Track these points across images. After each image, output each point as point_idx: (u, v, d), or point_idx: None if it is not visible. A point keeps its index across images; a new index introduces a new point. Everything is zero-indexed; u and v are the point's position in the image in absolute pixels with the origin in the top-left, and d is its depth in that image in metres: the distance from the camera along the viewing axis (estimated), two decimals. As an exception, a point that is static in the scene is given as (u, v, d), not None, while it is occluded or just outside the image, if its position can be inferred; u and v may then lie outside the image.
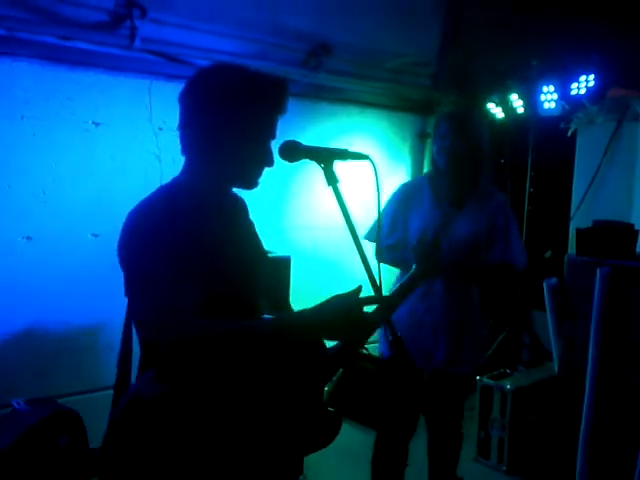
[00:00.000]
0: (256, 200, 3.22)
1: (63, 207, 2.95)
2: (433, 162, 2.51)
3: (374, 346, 4.18)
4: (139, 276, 1.30)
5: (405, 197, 2.50)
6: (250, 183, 1.50)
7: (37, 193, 2.89)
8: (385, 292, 1.70)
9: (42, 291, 2.92)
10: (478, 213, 2.44)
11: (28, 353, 2.91)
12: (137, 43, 2.96)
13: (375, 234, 2.47)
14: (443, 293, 2.41)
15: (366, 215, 2.26)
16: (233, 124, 1.41)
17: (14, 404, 2.67)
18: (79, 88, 2.97)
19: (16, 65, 2.79)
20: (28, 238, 2.89)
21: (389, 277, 3.92)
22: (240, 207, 1.62)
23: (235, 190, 1.57)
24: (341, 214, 1.58)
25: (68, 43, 2.86)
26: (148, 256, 1.28)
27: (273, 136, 1.51)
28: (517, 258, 2.47)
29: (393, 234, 2.47)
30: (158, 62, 3.13)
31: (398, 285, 2.07)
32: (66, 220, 2.96)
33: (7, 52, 2.75)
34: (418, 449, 2.70)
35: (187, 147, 1.45)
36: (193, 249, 1.29)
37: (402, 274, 2.44)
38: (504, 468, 3.31)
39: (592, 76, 3.57)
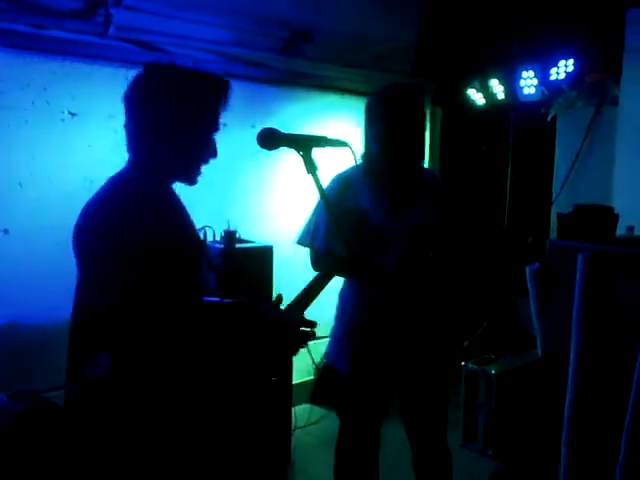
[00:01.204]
0: (237, 188, 3.21)
1: (40, 200, 2.90)
2: (368, 151, 2.20)
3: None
4: (90, 275, 1.43)
5: (340, 195, 2.15)
6: (191, 179, 1.58)
7: (13, 185, 2.84)
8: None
9: (21, 286, 2.87)
10: (425, 203, 2.21)
11: (8, 348, 2.87)
12: (112, 31, 2.91)
13: (310, 237, 2.24)
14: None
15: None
16: (174, 122, 1.47)
17: (-5, 399, 2.63)
18: (54, 78, 2.91)
19: (-11, 55, 2.73)
20: (5, 231, 2.84)
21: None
22: (175, 196, 1.65)
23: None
24: (321, 201, 1.57)
25: (42, 32, 2.80)
26: (98, 255, 1.40)
27: (216, 130, 1.59)
28: (462, 242, 2.30)
29: (332, 241, 2.15)
30: (134, 50, 3.07)
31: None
32: (43, 213, 2.91)
33: (-21, 42, 2.69)
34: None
35: (131, 144, 1.54)
36: (138, 246, 1.37)
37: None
38: (490, 452, 3.34)
39: (571, 61, 3.58)
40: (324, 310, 2.17)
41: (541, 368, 2.58)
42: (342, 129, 4.03)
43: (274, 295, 1.74)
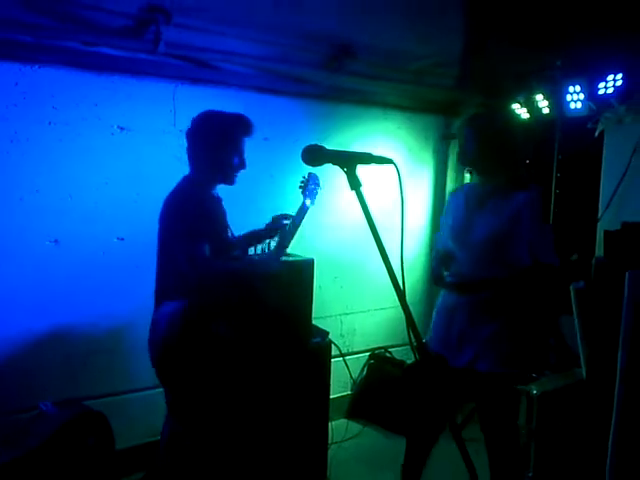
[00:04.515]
0: (280, 201, 3.24)
1: (89, 211, 2.99)
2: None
3: (398, 350, 4.17)
4: (175, 238, 2.23)
5: (449, 203, 2.68)
6: (229, 182, 2.43)
7: (64, 197, 2.93)
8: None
9: (69, 294, 2.97)
10: (498, 211, 2.40)
11: (55, 356, 2.95)
12: (161, 48, 2.98)
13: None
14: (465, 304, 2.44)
15: (390, 218, 2.24)
16: (211, 150, 2.35)
17: (41, 406, 2.70)
18: (105, 93, 3.00)
19: (43, 71, 2.83)
20: (55, 242, 2.93)
21: (412, 278, 3.90)
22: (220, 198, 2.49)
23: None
24: (364, 217, 1.58)
25: (93, 49, 2.89)
26: (180, 226, 2.22)
27: (239, 153, 2.39)
28: (549, 256, 2.37)
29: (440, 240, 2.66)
30: (182, 66, 3.15)
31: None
32: (92, 224, 3.00)
33: (34, 59, 2.79)
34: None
35: (190, 161, 2.42)
36: (201, 220, 2.23)
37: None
38: (530, 474, 3.26)
39: (620, 75, 3.51)
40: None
41: (585, 389, 2.51)
42: (385, 144, 4.05)
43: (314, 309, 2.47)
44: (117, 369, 3.07)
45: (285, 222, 2.58)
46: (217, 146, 2.33)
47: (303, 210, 2.53)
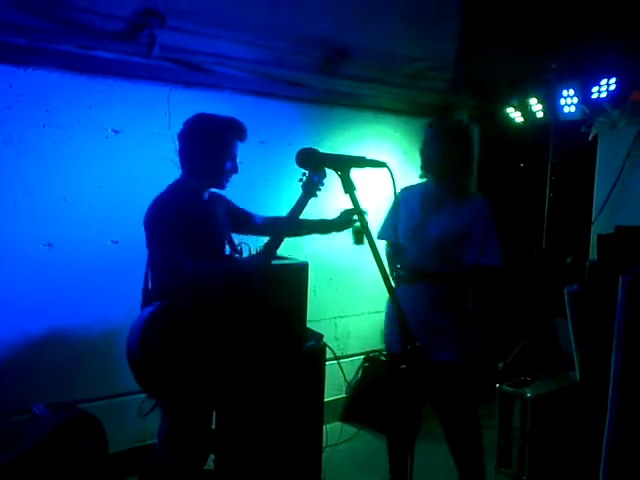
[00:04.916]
0: (273, 204, 3.24)
1: (83, 214, 2.98)
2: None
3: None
4: (155, 241, 2.23)
5: (401, 200, 2.72)
6: (220, 186, 2.40)
7: (58, 201, 2.93)
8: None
9: (62, 297, 2.95)
10: (453, 214, 2.61)
11: (50, 358, 2.94)
12: (156, 51, 2.98)
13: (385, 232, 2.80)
14: (417, 293, 2.58)
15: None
16: (203, 153, 2.30)
17: (34, 409, 2.69)
18: (99, 96, 3.00)
19: (37, 74, 2.82)
20: (49, 245, 2.92)
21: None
22: (215, 200, 2.45)
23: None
24: (358, 220, 1.58)
25: (87, 52, 2.89)
26: (160, 230, 2.21)
27: (232, 157, 2.34)
28: (492, 258, 2.56)
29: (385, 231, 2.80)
30: (177, 70, 3.15)
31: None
32: (86, 227, 2.99)
33: (28, 61, 2.78)
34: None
35: (181, 164, 2.37)
36: (178, 225, 2.18)
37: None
38: (525, 477, 3.26)
39: (613, 79, 3.52)
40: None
41: (579, 392, 2.52)
42: (379, 147, 4.05)
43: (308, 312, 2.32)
44: (111, 372, 3.06)
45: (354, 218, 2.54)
46: (209, 149, 2.28)
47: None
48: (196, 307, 2.18)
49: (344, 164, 1.59)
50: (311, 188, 2.35)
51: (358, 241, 2.71)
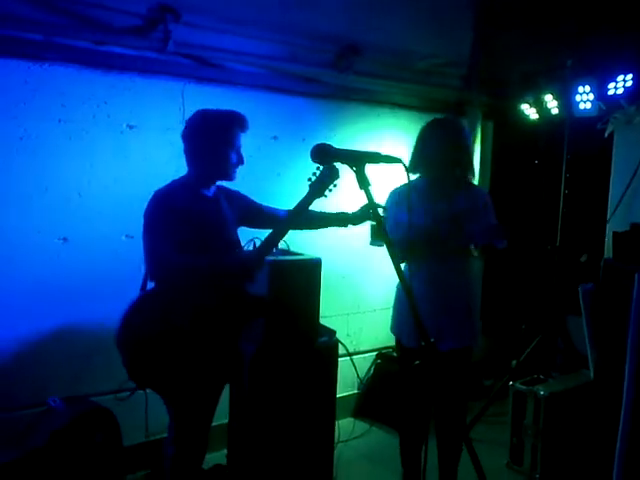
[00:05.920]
0: (286, 199, 3.24)
1: (98, 209, 3.00)
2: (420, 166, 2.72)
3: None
4: (145, 232, 2.28)
5: (400, 199, 2.73)
6: (229, 179, 2.41)
7: (73, 195, 2.95)
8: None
9: (77, 292, 2.97)
10: (461, 200, 2.69)
11: (63, 353, 2.96)
12: (170, 47, 2.99)
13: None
14: (427, 278, 2.63)
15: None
16: (207, 148, 2.32)
17: (50, 402, 2.72)
18: (114, 92, 3.01)
19: (52, 70, 2.84)
20: (64, 239, 2.94)
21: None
22: (223, 195, 2.46)
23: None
24: (373, 216, 1.58)
25: (103, 47, 2.91)
26: (151, 222, 2.28)
27: (236, 149, 2.35)
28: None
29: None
30: (191, 65, 3.16)
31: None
32: (101, 222, 3.01)
33: (43, 57, 2.80)
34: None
35: (187, 162, 2.39)
36: (168, 220, 2.23)
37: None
38: (537, 476, 3.25)
39: (630, 75, 3.49)
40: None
41: (593, 391, 2.51)
42: (393, 143, 4.04)
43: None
44: (122, 367, 3.07)
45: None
46: (212, 143, 2.30)
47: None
48: (180, 298, 2.24)
49: (359, 159, 1.59)
50: (319, 188, 2.33)
51: (375, 239, 2.68)
